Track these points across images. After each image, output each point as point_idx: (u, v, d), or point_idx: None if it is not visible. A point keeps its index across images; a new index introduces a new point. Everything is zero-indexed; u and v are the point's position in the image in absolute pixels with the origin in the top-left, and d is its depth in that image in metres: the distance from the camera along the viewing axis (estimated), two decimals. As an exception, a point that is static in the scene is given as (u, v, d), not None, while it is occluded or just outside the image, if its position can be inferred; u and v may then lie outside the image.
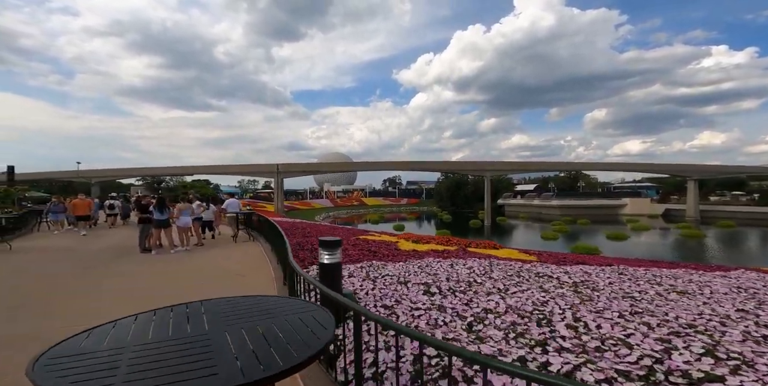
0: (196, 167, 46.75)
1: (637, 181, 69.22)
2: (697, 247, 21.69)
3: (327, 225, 12.07)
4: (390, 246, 6.52)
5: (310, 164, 45.25)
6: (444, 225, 36.55)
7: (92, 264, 6.46)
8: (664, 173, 40.73)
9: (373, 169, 41.34)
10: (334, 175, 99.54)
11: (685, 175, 38.28)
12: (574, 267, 3.87)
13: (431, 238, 7.78)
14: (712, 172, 40.38)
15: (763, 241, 22.83)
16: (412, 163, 40.05)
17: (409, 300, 2.58)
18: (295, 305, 1.70)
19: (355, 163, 43.04)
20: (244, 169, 43.03)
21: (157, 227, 8.08)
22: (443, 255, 5.32)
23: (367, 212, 64.06)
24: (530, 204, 51.78)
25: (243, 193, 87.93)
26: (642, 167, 42.05)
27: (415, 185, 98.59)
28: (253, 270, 5.98)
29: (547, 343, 1.66)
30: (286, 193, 48.54)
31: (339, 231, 9.97)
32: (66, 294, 4.54)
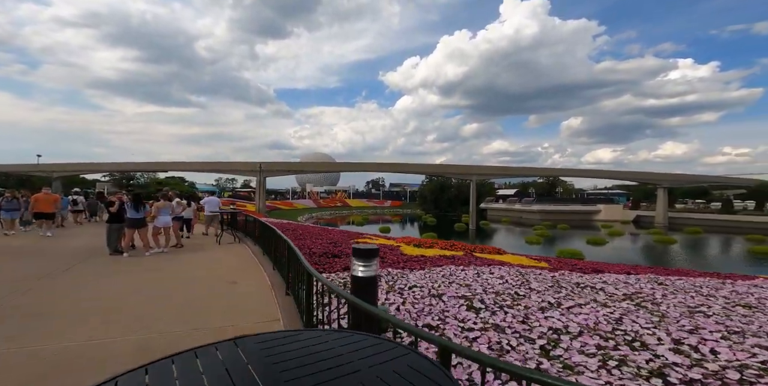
0: (171, 163, 44.32)
1: (607, 188, 72.71)
2: (674, 252, 22.74)
3: (318, 227, 11.51)
4: (394, 251, 6.12)
5: (294, 163, 44.06)
6: (429, 229, 36.54)
7: (49, 272, 5.62)
8: (638, 181, 42.85)
9: (359, 170, 40.81)
10: (316, 176, 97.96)
11: (655, 182, 40.44)
12: (606, 276, 3.65)
13: (434, 243, 7.46)
14: (681, 180, 42.93)
15: (732, 247, 24.28)
16: (399, 164, 39.86)
17: (454, 318, 2.20)
18: (364, 343, 1.05)
19: (341, 164, 42.35)
20: (225, 166, 41.25)
21: (131, 227, 7.27)
22: (455, 261, 4.99)
23: (350, 213, 63.31)
24: (512, 209, 52.99)
25: (221, 191, 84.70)
26: (619, 175, 44.05)
27: (399, 187, 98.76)
28: (244, 275, 5.39)
29: (666, 373, 1.35)
30: (266, 192, 46.98)
31: (334, 233, 9.47)
32: (8, 314, 3.80)
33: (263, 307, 3.82)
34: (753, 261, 17.85)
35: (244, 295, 4.31)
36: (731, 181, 45.75)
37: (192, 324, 3.34)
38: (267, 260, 6.22)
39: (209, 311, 3.71)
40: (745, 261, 18.27)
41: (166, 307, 3.82)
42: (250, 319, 3.46)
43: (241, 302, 4.02)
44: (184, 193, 17.42)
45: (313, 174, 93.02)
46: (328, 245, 6.59)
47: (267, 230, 6.66)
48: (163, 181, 52.96)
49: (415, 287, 2.89)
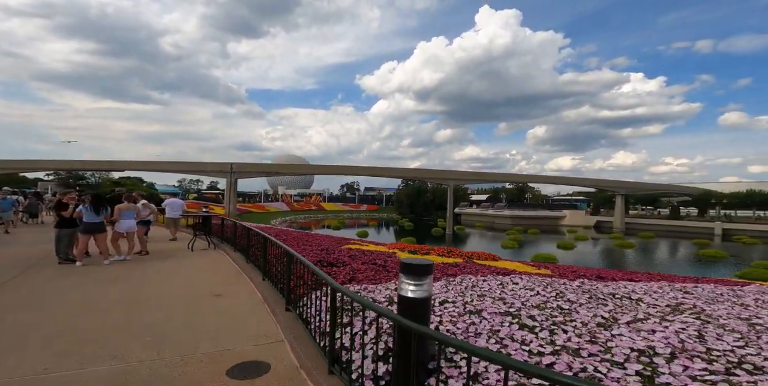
0: (128, 162, 40.84)
1: (569, 194, 77.33)
2: (636, 256, 24.40)
3: (301, 232, 10.87)
4: (392, 258, 5.78)
5: (268, 165, 42.30)
6: (407, 233, 36.56)
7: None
8: (601, 188, 45.97)
9: (337, 174, 40.04)
10: (289, 178, 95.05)
11: (614, 190, 43.65)
12: (629, 285, 3.57)
13: (430, 249, 7.20)
14: (635, 188, 46.69)
15: (684, 251, 26.47)
16: (378, 168, 39.65)
17: (511, 339, 1.92)
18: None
19: (318, 166, 41.30)
20: (192, 167, 38.68)
21: (86, 232, 6.30)
22: (464, 270, 4.75)
23: (325, 217, 61.95)
24: (485, 214, 54.63)
25: (184, 193, 79.55)
26: (585, 182, 47.01)
27: (374, 191, 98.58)
28: (228, 287, 4.77)
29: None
30: (242, 195, 44.64)
31: (320, 238, 8.93)
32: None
33: (260, 326, 3.31)
34: (708, 265, 19.47)
35: (233, 311, 3.74)
36: (678, 189, 50.55)
37: (177, 349, 2.77)
38: (253, 269, 5.61)
39: (194, 331, 3.13)
40: (702, 264, 19.85)
41: (140, 328, 3.18)
42: (247, 341, 2.94)
43: (232, 319, 3.47)
44: (147, 195, 15.90)
45: (286, 176, 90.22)
46: (320, 252, 6.10)
47: (253, 236, 6.05)
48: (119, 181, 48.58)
49: (447, 302, 2.58)
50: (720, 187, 52.77)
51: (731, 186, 54.88)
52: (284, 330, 3.15)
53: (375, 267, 4.73)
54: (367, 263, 5.11)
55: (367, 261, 5.19)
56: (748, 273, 14.27)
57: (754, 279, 13.66)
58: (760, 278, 13.63)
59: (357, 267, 4.63)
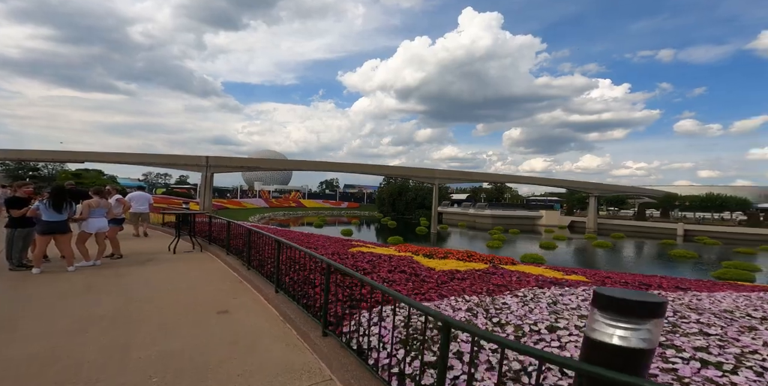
0: (91, 153, 37.36)
1: (542, 195, 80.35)
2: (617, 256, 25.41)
3: (297, 232, 10.04)
4: (417, 264, 5.22)
5: (248, 159, 40.18)
6: (391, 232, 36.16)
7: None
8: (577, 189, 47.88)
9: (321, 170, 38.81)
10: (266, 174, 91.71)
11: (588, 191, 45.65)
12: (709, 296, 3.25)
13: (448, 252, 6.69)
14: (607, 190, 49.12)
15: (655, 251, 27.89)
16: (366, 165, 38.80)
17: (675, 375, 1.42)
18: None
19: (301, 162, 39.72)
20: (163, 159, 35.94)
21: (46, 233, 5.22)
22: (506, 278, 4.28)
23: (305, 214, 60.28)
24: (466, 213, 55.42)
25: (150, 187, 74.46)
26: (562, 183, 48.72)
27: (354, 189, 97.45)
28: (233, 301, 3.99)
29: None
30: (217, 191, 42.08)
31: (321, 240, 8.19)
32: None
33: (291, 355, 2.63)
34: (681, 265, 20.50)
35: (249, 335, 3.02)
36: (644, 192, 53.84)
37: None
38: (257, 277, 4.84)
39: (207, 366, 2.41)
40: (677, 264, 20.81)
41: (131, 364, 2.40)
42: (281, 380, 2.27)
43: (252, 347, 2.76)
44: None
45: (263, 172, 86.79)
46: (331, 256, 5.43)
47: (256, 238, 5.25)
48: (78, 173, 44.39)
49: (558, 328, 2.06)
50: (677, 190, 56.89)
51: (690, 189, 59.37)
52: (323, 360, 2.50)
53: (406, 276, 4.15)
54: (394, 271, 4.51)
55: (392, 269, 4.59)
56: (723, 273, 15.08)
57: (729, 279, 14.49)
58: (735, 278, 14.45)
59: (387, 277, 4.02)
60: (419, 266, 5.05)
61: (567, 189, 51.00)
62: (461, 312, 2.50)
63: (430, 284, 3.71)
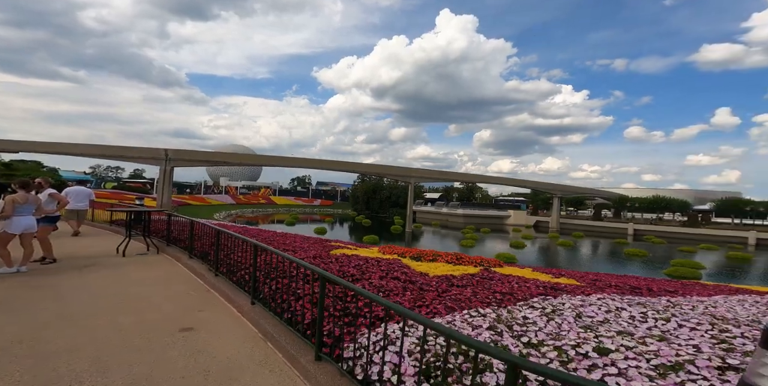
0: (21, 142, 32.98)
1: (509, 195, 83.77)
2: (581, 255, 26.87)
3: (269, 232, 9.26)
4: (409, 269, 4.84)
5: (214, 153, 37.52)
6: (366, 230, 35.71)
7: None
8: (543, 190, 50.35)
9: (295, 166, 37.27)
10: (233, 169, 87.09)
11: (552, 192, 48.25)
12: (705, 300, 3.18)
13: (436, 255, 6.35)
14: (569, 191, 52.23)
15: (613, 249, 29.81)
16: (342, 162, 37.82)
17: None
18: None
19: (275, 158, 37.73)
20: (114, 151, 32.55)
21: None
22: (507, 285, 4.02)
23: (276, 212, 58.01)
24: (439, 212, 56.35)
25: (98, 181, 67.68)
26: (530, 184, 50.99)
27: (327, 186, 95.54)
28: (200, 315, 3.34)
29: None
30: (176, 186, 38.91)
31: (298, 241, 7.55)
32: None
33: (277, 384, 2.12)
34: (635, 263, 22.01)
35: (224, 360, 2.45)
36: (602, 194, 58.00)
37: None
38: (228, 285, 4.18)
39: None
40: (633, 262, 22.31)
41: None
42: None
43: (228, 377, 2.20)
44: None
45: (231, 167, 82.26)
46: (312, 260, 4.90)
47: (227, 240, 4.56)
48: (10, 163, 39.00)
49: (609, 351, 1.75)
50: (626, 192, 61.86)
51: (636, 191, 64.80)
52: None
53: (401, 284, 3.74)
54: (386, 277, 4.09)
55: (384, 275, 4.16)
56: (674, 271, 16.36)
57: (679, 277, 15.71)
58: (685, 276, 15.74)
59: (380, 285, 3.59)
60: (411, 271, 4.67)
61: (534, 190, 53.54)
62: (484, 332, 2.13)
63: (431, 293, 3.34)
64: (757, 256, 26.41)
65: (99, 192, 41.08)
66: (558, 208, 48.24)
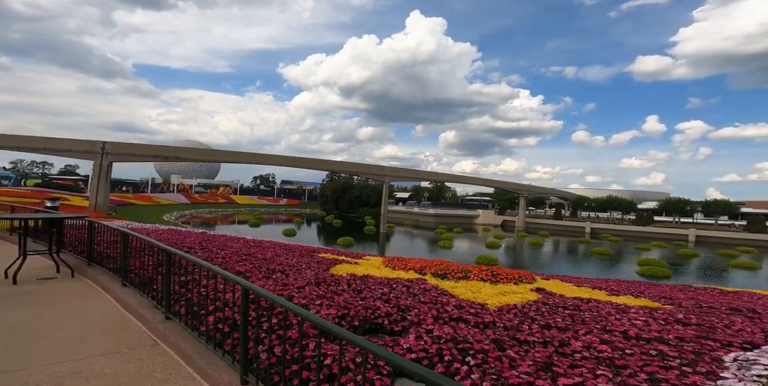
0: None
1: (473, 195, 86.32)
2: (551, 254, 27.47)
3: (239, 239, 7.38)
4: (449, 297, 3.52)
5: (161, 147, 32.97)
6: (337, 232, 33.80)
7: None
8: (511, 190, 51.94)
9: (259, 163, 33.99)
10: (187, 166, 79.52)
11: (519, 192, 50.01)
12: None
13: (466, 271, 5.03)
14: (535, 191, 54.61)
15: (580, 249, 31.00)
16: (311, 160, 35.34)
17: None
18: None
19: (237, 153, 33.99)
20: (37, 142, 27.18)
21: None
22: (605, 315, 2.86)
23: (237, 212, 53.59)
24: (411, 212, 55.97)
25: (20, 178, 57.71)
26: (498, 184, 52.22)
27: (292, 185, 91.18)
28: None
29: None
30: (112, 183, 33.71)
31: (278, 252, 5.89)
32: None
33: None
34: (606, 262, 22.83)
35: None
36: (562, 194, 61.59)
37: None
38: (189, 338, 2.52)
39: None
40: (603, 261, 23.04)
41: None
42: None
43: None
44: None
45: (184, 164, 74.73)
46: (316, 288, 3.40)
47: (183, 265, 2.87)
48: None
49: None
50: (574, 192, 66.49)
51: (582, 191, 69.87)
52: None
53: (481, 333, 2.40)
54: (443, 318, 2.72)
55: (437, 315, 2.78)
56: (645, 270, 16.91)
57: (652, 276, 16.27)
58: (656, 274, 16.31)
59: (453, 337, 2.22)
60: (460, 300, 3.34)
61: (502, 190, 55.17)
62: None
63: (538, 353, 2.04)
64: (703, 253, 28.81)
65: (16, 190, 34.36)
66: (524, 208, 50.12)
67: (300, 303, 2.81)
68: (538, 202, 63.44)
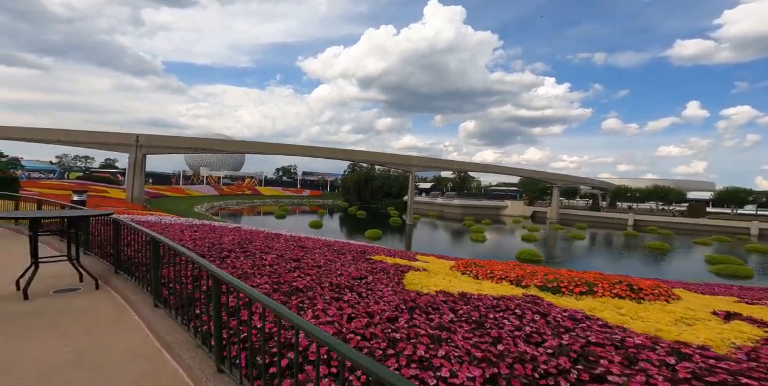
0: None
1: (497, 185, 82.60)
2: (599, 249, 25.31)
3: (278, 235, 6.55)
4: (606, 331, 2.36)
5: (192, 139, 33.33)
6: (362, 224, 33.11)
7: None
8: (544, 179, 49.06)
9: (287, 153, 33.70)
10: (214, 158, 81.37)
11: (554, 181, 47.04)
12: None
13: (590, 283, 3.87)
14: (570, 181, 51.23)
15: (633, 243, 28.35)
16: (336, 150, 34.51)
17: None
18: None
19: (266, 144, 33.59)
20: (74, 136, 28.05)
21: None
22: None
23: (263, 203, 54.33)
24: (435, 203, 54.35)
25: (65, 171, 61.35)
26: (530, 173, 49.50)
27: (313, 176, 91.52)
28: None
29: None
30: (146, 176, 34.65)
31: (323, 254, 4.95)
32: None
33: None
34: (667, 258, 20.49)
35: None
36: (599, 184, 57.56)
37: None
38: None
39: None
40: (662, 257, 20.71)
41: None
42: None
43: None
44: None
45: (211, 156, 76.50)
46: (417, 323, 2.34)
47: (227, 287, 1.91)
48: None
49: None
50: (618, 182, 61.86)
51: (614, 181, 64.88)
52: None
53: None
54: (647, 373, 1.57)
55: (626, 358, 1.64)
56: (722, 269, 14.80)
57: (731, 276, 14.18)
58: (736, 274, 14.20)
59: None
60: (641, 336, 2.19)
61: (531, 179, 52.27)
62: None
63: None
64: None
65: (61, 182, 36.19)
66: (558, 199, 47.21)
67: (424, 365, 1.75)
68: (571, 193, 59.72)
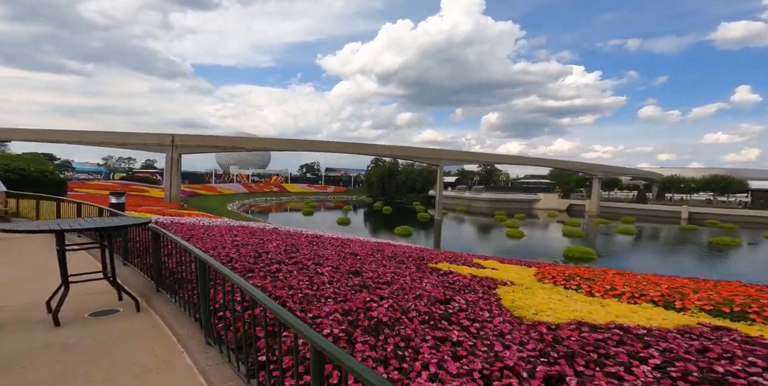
0: (10, 130, 30.20)
1: (521, 178, 78.34)
2: (659, 245, 23.00)
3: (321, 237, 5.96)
4: None
5: (225, 138, 34.10)
6: (389, 220, 32.46)
7: None
8: (578, 170, 45.95)
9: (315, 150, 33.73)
10: (242, 157, 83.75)
11: (593, 173, 43.80)
12: None
13: (682, 299, 2.87)
14: (611, 172, 47.56)
15: (692, 238, 25.51)
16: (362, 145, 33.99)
17: None
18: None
19: (294, 141, 33.78)
20: (113, 138, 29.46)
21: None
22: None
23: (289, 200, 55.23)
24: (462, 197, 52.60)
25: (110, 172, 65.71)
26: (566, 164, 46.47)
27: (336, 172, 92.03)
28: None
29: None
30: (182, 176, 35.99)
31: (385, 265, 4.22)
32: None
33: None
34: (742, 255, 18.08)
35: None
36: (644, 174, 53.05)
37: None
38: None
39: None
40: (734, 253, 18.36)
41: None
42: None
43: None
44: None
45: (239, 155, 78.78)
46: None
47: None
48: (17, 155, 36.49)
49: None
50: (660, 172, 56.58)
51: (656, 170, 59.26)
52: None
53: None
54: None
55: None
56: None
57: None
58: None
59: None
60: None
61: (573, 171, 49.02)
62: None
63: None
64: None
65: (106, 183, 38.58)
66: (599, 190, 43.91)
67: None
68: (611, 184, 55.56)
